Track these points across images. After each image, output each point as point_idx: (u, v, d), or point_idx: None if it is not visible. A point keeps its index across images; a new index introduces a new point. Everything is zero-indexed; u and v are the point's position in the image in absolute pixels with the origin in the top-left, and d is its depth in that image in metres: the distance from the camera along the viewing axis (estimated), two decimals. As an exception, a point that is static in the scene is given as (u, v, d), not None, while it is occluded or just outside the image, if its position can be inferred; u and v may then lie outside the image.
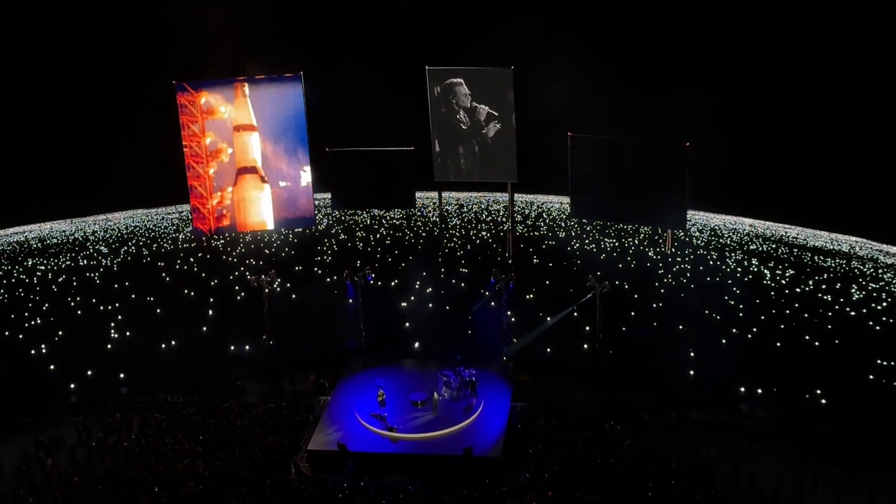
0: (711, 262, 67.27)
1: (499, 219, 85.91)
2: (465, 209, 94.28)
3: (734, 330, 50.32)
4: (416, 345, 48.29)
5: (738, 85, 70.58)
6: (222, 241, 73.33)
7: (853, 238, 79.01)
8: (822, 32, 70.47)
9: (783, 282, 62.67)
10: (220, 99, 63.95)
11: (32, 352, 49.33)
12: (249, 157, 65.04)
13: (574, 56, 66.30)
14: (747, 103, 71.64)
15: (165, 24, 78.72)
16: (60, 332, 51.98)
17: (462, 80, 60.51)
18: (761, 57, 71.92)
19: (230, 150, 64.72)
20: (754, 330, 50.63)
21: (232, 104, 64.05)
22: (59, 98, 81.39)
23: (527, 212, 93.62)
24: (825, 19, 69.44)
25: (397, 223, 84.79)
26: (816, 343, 48.87)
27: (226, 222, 66.19)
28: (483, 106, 60.68)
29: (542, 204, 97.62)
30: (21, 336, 52.06)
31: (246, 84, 64.11)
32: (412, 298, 55.82)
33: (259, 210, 65.98)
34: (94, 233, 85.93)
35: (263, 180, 65.43)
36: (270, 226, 66.88)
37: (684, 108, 66.98)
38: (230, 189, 65.32)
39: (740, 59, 71.33)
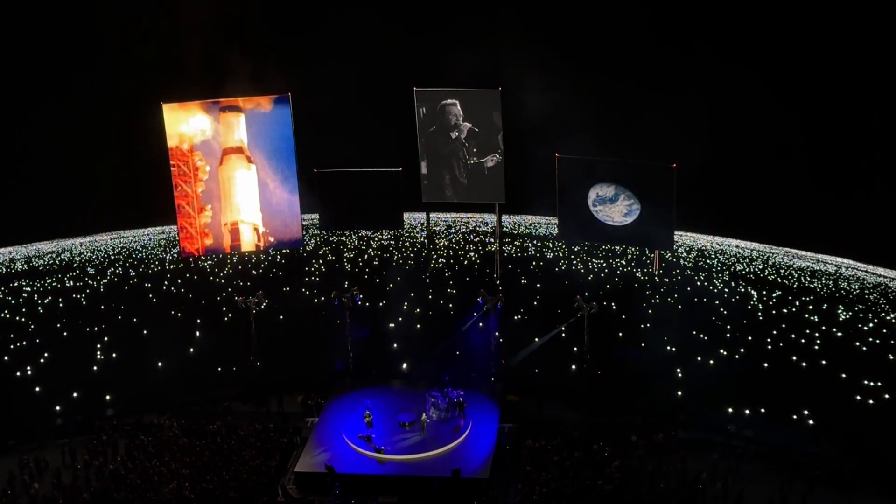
0: (699, 283, 67.55)
1: (486, 239, 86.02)
2: (453, 230, 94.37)
3: (722, 350, 50.47)
4: (404, 366, 48.20)
5: (731, 104, 70.90)
6: (210, 263, 73.14)
7: (839, 259, 79.43)
8: (815, 49, 70.64)
9: (770, 302, 62.97)
10: (207, 117, 63.84)
11: (18, 373, 48.96)
12: (235, 138, 64.63)
13: (558, 70, 66.46)
14: (741, 118, 71.97)
15: (153, 45, 78.63)
16: (46, 354, 51.59)
17: (457, 102, 60.63)
18: (760, 76, 72.15)
19: (208, 168, 64.48)
20: (742, 350, 50.80)
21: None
22: (45, 117, 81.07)
23: (514, 232, 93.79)
24: (824, 26, 69.44)
25: (385, 244, 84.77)
26: (803, 364, 49.08)
27: (208, 241, 65.88)
28: (466, 123, 60.87)
29: (531, 224, 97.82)
30: (6, 357, 51.60)
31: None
32: (400, 319, 55.76)
33: (242, 191, 65.14)
34: (80, 254, 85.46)
35: (249, 160, 64.98)
36: (258, 219, 66.00)
37: (674, 126, 67.18)
38: (210, 207, 64.98)
39: (737, 73, 71.51)
